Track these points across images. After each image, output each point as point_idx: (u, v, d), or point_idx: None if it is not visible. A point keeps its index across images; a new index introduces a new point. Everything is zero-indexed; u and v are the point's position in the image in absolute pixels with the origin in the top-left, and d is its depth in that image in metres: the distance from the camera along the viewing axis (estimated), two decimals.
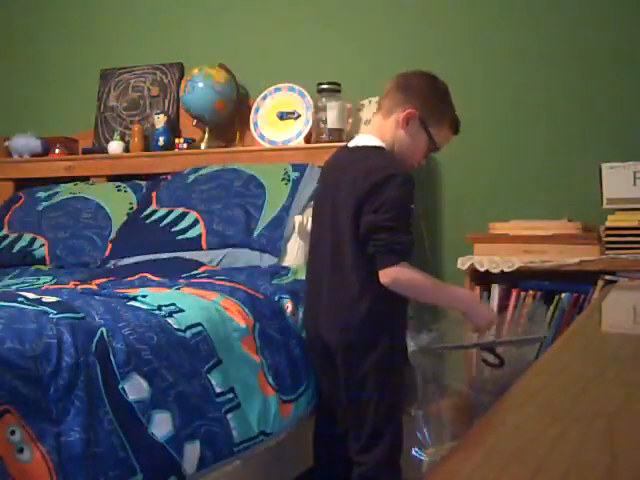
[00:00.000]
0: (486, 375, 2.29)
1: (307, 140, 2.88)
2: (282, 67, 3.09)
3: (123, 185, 2.94)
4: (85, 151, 3.23)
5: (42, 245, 2.76)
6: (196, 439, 1.53)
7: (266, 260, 2.42)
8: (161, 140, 3.05)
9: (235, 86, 3.00)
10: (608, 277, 2.34)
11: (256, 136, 2.98)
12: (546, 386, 0.82)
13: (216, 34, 3.24)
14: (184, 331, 1.64)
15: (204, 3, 3.27)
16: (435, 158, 2.93)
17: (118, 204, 2.83)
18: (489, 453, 0.60)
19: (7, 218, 2.92)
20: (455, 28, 2.92)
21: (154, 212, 2.67)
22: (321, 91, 2.84)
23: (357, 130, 2.85)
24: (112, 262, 2.59)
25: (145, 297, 1.73)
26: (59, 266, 2.66)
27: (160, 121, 3.08)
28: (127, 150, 3.15)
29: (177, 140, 3.05)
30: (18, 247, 2.78)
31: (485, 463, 0.58)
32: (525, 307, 2.45)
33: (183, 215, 2.59)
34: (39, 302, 1.50)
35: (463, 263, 2.49)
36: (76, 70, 3.44)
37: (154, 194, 2.75)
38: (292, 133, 2.91)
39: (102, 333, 1.45)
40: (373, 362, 1.79)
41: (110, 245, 2.68)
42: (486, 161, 2.87)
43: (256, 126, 2.98)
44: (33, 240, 2.79)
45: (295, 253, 2.44)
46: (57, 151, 3.21)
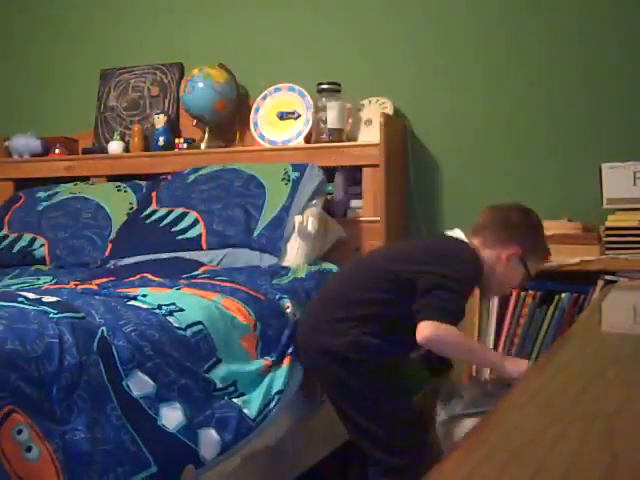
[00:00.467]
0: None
1: (307, 140, 2.88)
2: (282, 67, 3.09)
3: (123, 185, 2.94)
4: (85, 151, 3.23)
5: (42, 245, 2.75)
6: (209, 427, 1.54)
7: (266, 260, 2.42)
8: (161, 140, 3.05)
9: (235, 86, 3.00)
10: (608, 277, 2.34)
11: (256, 136, 2.98)
12: (546, 386, 0.82)
13: (216, 34, 3.24)
14: (184, 329, 1.64)
15: (204, 3, 3.27)
16: (435, 158, 2.93)
17: (118, 204, 2.83)
18: (489, 453, 0.60)
19: (7, 218, 2.91)
20: (455, 28, 2.92)
21: (154, 212, 2.67)
22: (321, 91, 2.84)
23: (357, 130, 2.86)
24: (112, 262, 2.59)
25: (145, 297, 1.73)
26: (59, 266, 2.66)
27: (160, 121, 3.08)
28: (127, 150, 3.15)
29: (177, 140, 3.05)
30: (18, 247, 2.78)
31: (485, 463, 0.58)
32: (525, 307, 2.45)
33: (183, 215, 2.59)
34: (39, 302, 1.49)
35: None
36: (76, 70, 3.44)
37: (154, 194, 2.75)
38: (292, 133, 2.91)
39: (103, 332, 1.45)
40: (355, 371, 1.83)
41: (110, 245, 2.68)
42: (486, 161, 2.87)
43: (256, 126, 2.98)
44: (33, 240, 2.78)
45: (295, 253, 2.44)
46: (57, 151, 3.21)
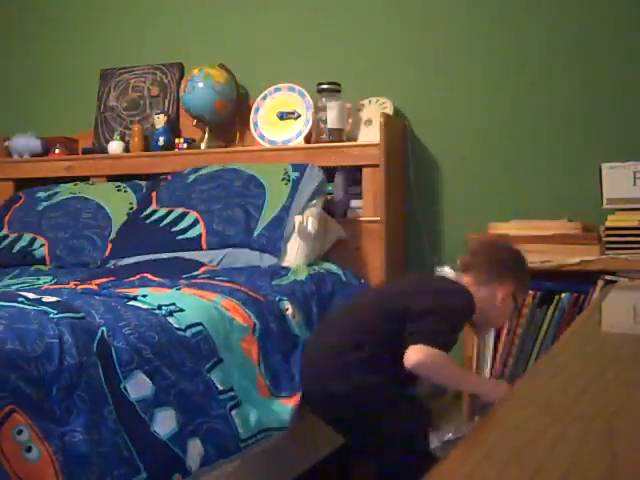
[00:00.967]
0: None
1: (307, 140, 2.88)
2: (282, 67, 3.09)
3: (123, 185, 2.94)
4: (85, 151, 3.23)
5: (42, 245, 2.75)
6: (197, 436, 1.53)
7: (266, 260, 2.42)
8: (161, 140, 3.05)
9: (235, 86, 3.00)
10: (608, 277, 2.34)
11: (256, 136, 2.98)
12: (546, 386, 0.82)
13: (216, 34, 3.24)
14: (184, 330, 1.64)
15: (204, 3, 3.27)
16: (435, 158, 2.93)
17: (118, 204, 2.83)
18: (489, 452, 0.60)
19: (7, 218, 2.91)
20: (455, 28, 2.92)
21: (154, 212, 2.67)
22: (321, 91, 2.84)
23: (357, 130, 2.86)
24: (112, 262, 2.59)
25: (145, 297, 1.73)
26: (59, 266, 2.66)
27: (160, 121, 3.08)
28: (127, 150, 3.15)
29: (177, 140, 3.05)
30: (18, 247, 2.78)
31: (485, 462, 0.58)
32: (525, 307, 2.45)
33: (183, 215, 2.59)
34: (39, 302, 1.49)
35: None
36: (76, 70, 3.44)
37: (154, 194, 2.75)
38: (292, 133, 2.91)
39: (103, 332, 1.45)
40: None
41: (110, 245, 2.68)
42: (486, 161, 2.87)
43: (256, 126, 2.98)
44: (33, 240, 2.78)
45: (295, 253, 2.44)
46: (57, 151, 3.21)
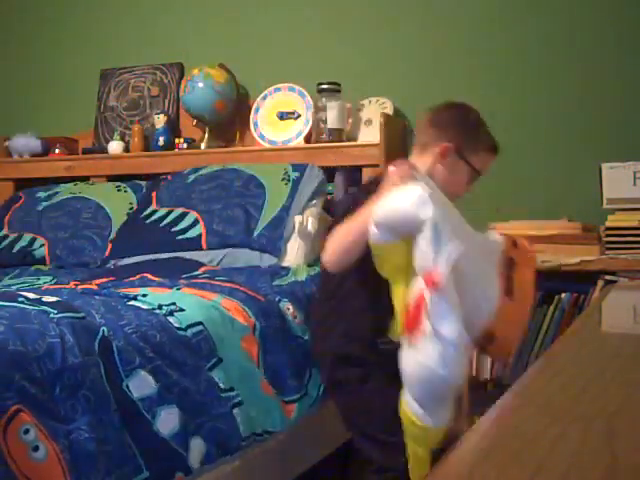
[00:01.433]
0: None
1: (307, 140, 2.88)
2: (282, 67, 3.09)
3: (123, 185, 2.94)
4: (85, 151, 3.23)
5: (42, 245, 2.76)
6: (199, 435, 1.53)
7: (266, 260, 2.42)
8: (161, 140, 3.05)
9: (235, 86, 3.00)
10: (608, 277, 2.34)
11: (256, 136, 2.98)
12: (546, 386, 0.82)
13: (216, 34, 3.24)
14: (185, 330, 1.64)
15: (204, 3, 3.27)
16: None
17: (118, 204, 2.83)
18: (489, 453, 0.60)
19: (7, 218, 2.92)
20: (455, 28, 2.92)
21: (154, 212, 2.67)
22: (321, 91, 2.84)
23: (357, 130, 2.85)
24: (112, 262, 2.59)
25: (145, 297, 1.73)
26: (59, 266, 2.66)
27: (160, 121, 3.07)
28: (127, 150, 3.15)
29: (177, 140, 3.05)
30: (18, 247, 2.78)
31: (486, 462, 0.58)
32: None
33: (183, 215, 2.59)
34: (39, 302, 1.50)
35: None
36: (76, 70, 3.44)
37: (154, 194, 2.75)
38: (292, 133, 2.91)
39: (103, 332, 1.45)
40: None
41: (110, 245, 2.68)
42: None
43: (256, 126, 2.98)
44: (33, 240, 2.78)
45: (295, 253, 2.44)
46: (57, 151, 3.21)
